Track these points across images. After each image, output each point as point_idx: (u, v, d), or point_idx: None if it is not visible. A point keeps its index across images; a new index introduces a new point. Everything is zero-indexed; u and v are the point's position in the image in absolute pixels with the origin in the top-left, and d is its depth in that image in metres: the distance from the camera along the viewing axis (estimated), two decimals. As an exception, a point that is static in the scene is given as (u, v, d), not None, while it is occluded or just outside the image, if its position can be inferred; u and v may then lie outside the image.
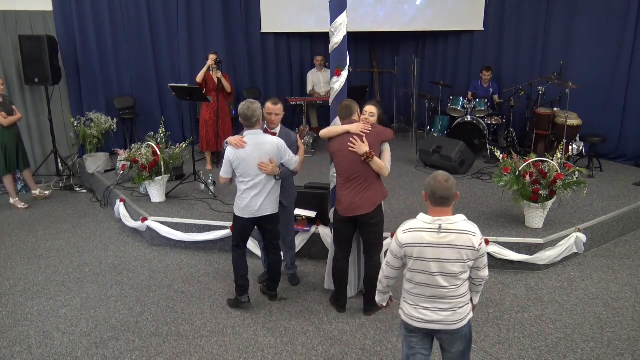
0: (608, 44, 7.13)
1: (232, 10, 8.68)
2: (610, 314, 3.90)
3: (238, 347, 3.54)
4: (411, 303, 2.54)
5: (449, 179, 2.42)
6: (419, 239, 2.42)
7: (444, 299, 2.46)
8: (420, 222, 2.45)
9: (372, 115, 3.84)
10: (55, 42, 7.07)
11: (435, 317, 2.48)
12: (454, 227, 2.40)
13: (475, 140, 7.25)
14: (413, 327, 2.55)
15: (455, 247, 2.40)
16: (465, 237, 2.40)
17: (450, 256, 2.41)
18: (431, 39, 9.48)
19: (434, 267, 2.43)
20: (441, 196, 2.40)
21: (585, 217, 5.09)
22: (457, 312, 2.49)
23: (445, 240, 2.40)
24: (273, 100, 4.01)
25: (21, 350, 3.52)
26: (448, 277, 2.43)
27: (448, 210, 2.44)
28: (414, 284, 2.50)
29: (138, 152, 5.58)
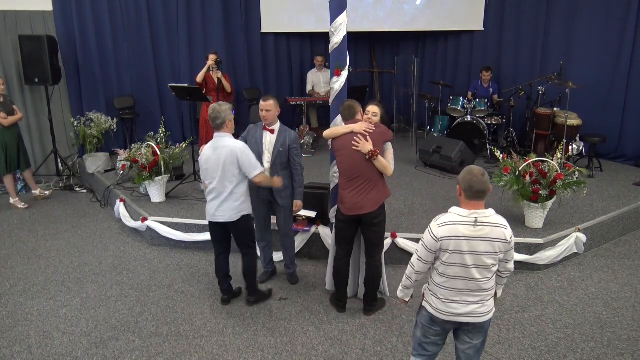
0: (608, 44, 7.13)
1: (232, 10, 8.68)
2: (610, 314, 3.90)
3: (238, 347, 3.54)
4: (440, 297, 2.56)
5: (484, 173, 2.49)
6: (455, 232, 2.45)
7: (475, 291, 2.51)
8: (456, 216, 2.49)
9: (375, 115, 3.84)
10: (55, 42, 7.07)
11: (463, 309, 2.52)
12: (488, 220, 2.46)
13: (475, 140, 7.25)
14: (440, 320, 2.58)
15: (490, 239, 2.45)
16: (499, 230, 2.46)
17: (484, 249, 2.45)
18: (431, 39, 9.48)
19: (469, 259, 2.46)
20: (478, 190, 2.45)
21: (585, 217, 5.09)
22: (485, 305, 2.54)
23: (480, 233, 2.44)
24: (263, 97, 4.07)
25: (21, 350, 3.52)
26: (482, 269, 2.48)
27: (482, 204, 2.49)
28: (447, 277, 2.53)
29: (138, 152, 5.59)
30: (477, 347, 2.62)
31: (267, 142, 4.06)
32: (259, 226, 4.34)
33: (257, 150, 4.02)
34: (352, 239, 3.88)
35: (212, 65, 6.68)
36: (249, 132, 4.17)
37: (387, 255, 4.54)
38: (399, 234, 4.64)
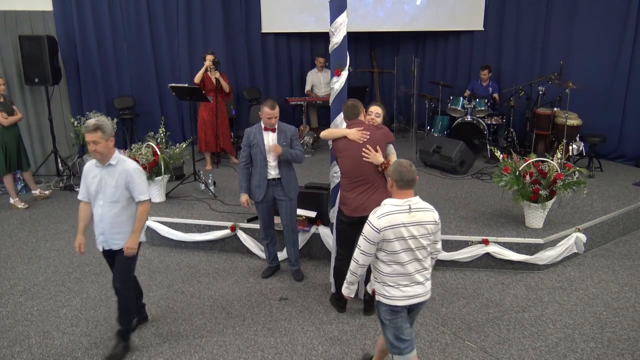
0: (608, 44, 7.13)
1: (232, 10, 8.68)
2: (610, 314, 3.90)
3: (238, 347, 3.54)
4: (393, 285, 2.73)
5: (412, 164, 2.71)
6: (394, 220, 2.65)
7: (421, 271, 2.75)
8: (392, 206, 2.68)
9: (378, 115, 3.85)
10: (55, 42, 7.07)
11: (414, 292, 2.74)
12: (419, 206, 2.72)
13: (475, 140, 7.25)
14: (399, 307, 2.75)
15: (423, 223, 2.70)
16: (429, 214, 2.73)
17: (420, 232, 2.70)
18: (431, 39, 9.48)
19: (411, 243, 2.69)
20: (409, 179, 2.68)
21: (585, 217, 5.09)
22: (428, 283, 2.81)
23: (415, 218, 2.68)
24: (270, 104, 4.04)
25: (21, 350, 3.52)
26: (422, 250, 2.73)
27: (412, 192, 2.73)
28: (396, 264, 2.71)
29: (138, 152, 5.58)
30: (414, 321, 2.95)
31: (269, 140, 4.12)
32: (264, 224, 4.39)
33: (260, 151, 4.10)
34: (354, 239, 3.87)
35: (210, 66, 6.69)
36: (249, 136, 4.20)
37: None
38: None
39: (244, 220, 5.04)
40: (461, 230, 4.81)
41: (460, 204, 5.58)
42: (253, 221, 5.00)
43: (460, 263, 4.62)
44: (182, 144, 5.97)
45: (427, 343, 3.57)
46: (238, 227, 4.94)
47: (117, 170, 3.28)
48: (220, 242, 5.04)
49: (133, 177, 3.29)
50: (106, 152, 3.25)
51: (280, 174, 4.16)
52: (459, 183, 6.37)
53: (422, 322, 3.82)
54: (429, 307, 4.01)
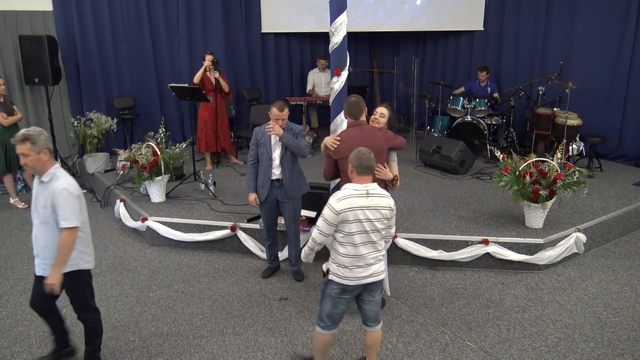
0: (608, 44, 7.13)
1: (232, 10, 8.68)
2: (610, 314, 3.90)
3: (238, 347, 3.54)
4: (348, 265, 2.91)
5: (370, 152, 2.90)
6: (352, 203, 2.82)
7: (374, 253, 2.93)
8: (351, 190, 2.87)
9: (383, 116, 3.82)
10: (55, 42, 7.06)
11: (368, 272, 2.92)
12: (376, 192, 2.89)
13: (475, 140, 7.24)
14: (351, 286, 2.94)
15: (379, 207, 2.87)
16: (385, 200, 2.91)
17: (376, 216, 2.87)
18: (431, 39, 9.48)
19: (367, 226, 2.86)
20: (366, 166, 2.86)
21: (585, 217, 5.09)
22: (381, 264, 2.99)
23: (372, 202, 2.85)
24: (279, 106, 4.05)
25: (21, 350, 3.52)
26: (376, 233, 2.91)
27: (370, 179, 2.91)
28: (352, 245, 2.88)
29: (138, 152, 5.58)
30: (377, 301, 3.08)
31: (276, 140, 4.16)
32: (267, 225, 4.41)
33: (267, 150, 4.16)
34: None
35: (209, 66, 6.68)
36: (257, 135, 4.24)
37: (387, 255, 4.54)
38: (399, 234, 4.65)
39: (244, 220, 5.04)
40: (461, 230, 4.81)
41: (460, 204, 5.58)
42: (253, 221, 5.00)
43: (460, 263, 4.62)
44: (182, 144, 5.97)
45: (427, 343, 3.57)
46: (238, 227, 4.94)
47: (48, 189, 2.91)
48: (220, 242, 5.04)
49: (58, 198, 2.87)
50: (38, 166, 2.91)
51: (282, 173, 4.17)
52: (459, 183, 6.37)
53: (422, 322, 3.82)
54: (429, 307, 4.01)
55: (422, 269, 4.64)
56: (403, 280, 4.44)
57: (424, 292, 4.25)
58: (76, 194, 2.95)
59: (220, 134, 6.92)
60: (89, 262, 3.13)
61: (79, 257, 3.03)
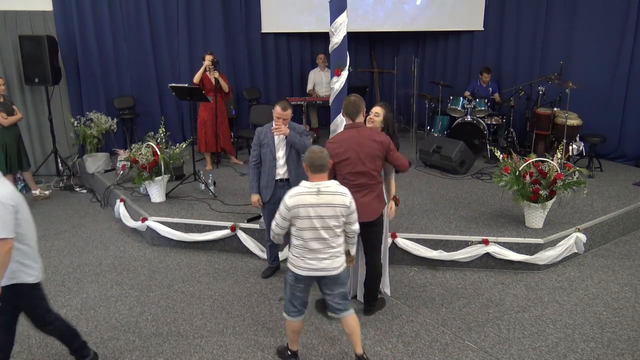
0: (608, 44, 7.13)
1: (232, 10, 8.68)
2: (610, 314, 3.90)
3: (238, 347, 3.54)
4: (297, 256, 3.06)
5: (323, 151, 2.99)
6: (302, 200, 2.94)
7: (326, 249, 3.01)
8: (303, 188, 2.98)
9: (377, 115, 3.81)
10: (55, 42, 7.07)
11: (319, 265, 3.02)
12: (329, 190, 2.97)
13: (475, 140, 7.24)
14: (301, 276, 3.08)
15: (332, 205, 2.95)
16: (339, 198, 2.97)
17: (328, 213, 2.95)
18: (431, 39, 9.48)
19: (317, 223, 2.96)
20: (318, 164, 2.95)
21: (585, 217, 5.09)
22: (335, 261, 3.05)
23: (323, 200, 2.94)
24: (282, 105, 4.03)
25: (21, 350, 3.52)
26: (328, 230, 2.98)
27: (324, 176, 3.00)
28: (303, 240, 3.00)
29: (138, 152, 5.58)
30: (339, 295, 3.16)
31: (279, 139, 4.15)
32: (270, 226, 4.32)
33: (271, 150, 4.15)
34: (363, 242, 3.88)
35: (209, 66, 6.68)
36: (259, 135, 4.22)
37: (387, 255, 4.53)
38: (399, 234, 4.65)
39: (244, 220, 5.04)
40: (461, 230, 4.81)
41: (460, 204, 5.58)
42: (253, 221, 5.00)
43: (460, 263, 4.62)
44: (182, 144, 5.97)
45: (427, 343, 3.57)
46: (238, 227, 4.94)
47: None
48: (220, 242, 5.04)
49: None
50: None
51: (288, 172, 4.17)
52: (459, 183, 6.37)
53: (422, 322, 3.82)
54: (429, 307, 4.01)
55: (422, 269, 4.64)
56: (403, 280, 4.44)
57: (424, 292, 4.25)
58: (10, 203, 2.69)
59: (220, 134, 6.92)
60: (33, 276, 2.94)
61: (21, 269, 2.85)
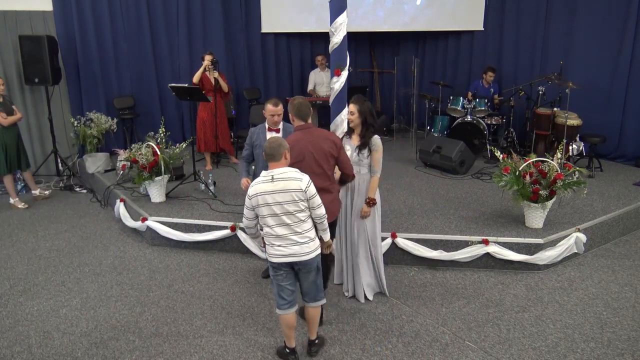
0: (608, 44, 7.13)
1: (232, 10, 8.68)
2: (610, 314, 3.90)
3: (238, 347, 3.54)
4: (268, 244, 3.16)
5: (277, 140, 3.10)
6: (259, 189, 3.06)
7: (292, 235, 3.09)
8: (260, 177, 3.10)
9: (352, 114, 3.76)
10: (55, 42, 7.07)
11: (288, 251, 3.10)
12: (284, 176, 3.05)
13: (475, 140, 7.24)
14: (276, 263, 3.16)
15: (287, 191, 3.03)
16: (294, 183, 3.04)
17: (285, 199, 3.04)
18: (431, 39, 9.48)
19: (276, 209, 3.05)
20: (269, 153, 3.07)
21: (585, 217, 5.09)
22: (306, 246, 3.11)
23: (278, 187, 3.03)
24: (273, 102, 4.02)
25: (21, 350, 3.52)
26: (289, 215, 3.07)
27: (279, 165, 3.08)
28: (268, 227, 3.11)
29: (138, 152, 5.58)
30: (312, 281, 3.25)
31: None
32: None
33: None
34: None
35: (209, 66, 6.68)
36: (252, 136, 4.21)
37: (387, 255, 4.54)
38: (399, 234, 4.64)
39: (244, 220, 5.04)
40: (461, 230, 4.81)
41: (460, 204, 5.58)
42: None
43: (460, 263, 4.62)
44: (182, 144, 5.97)
45: (427, 343, 3.57)
46: (238, 227, 4.94)
47: None
48: (220, 242, 5.04)
49: None
50: None
51: None
52: (459, 183, 6.37)
53: (422, 322, 3.82)
54: (429, 307, 4.01)
55: (422, 269, 4.64)
56: (403, 280, 4.44)
57: (424, 292, 4.25)
58: None
59: (220, 134, 6.92)
60: None
61: None
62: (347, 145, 3.87)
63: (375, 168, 3.81)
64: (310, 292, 3.30)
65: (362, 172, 3.85)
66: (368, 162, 3.81)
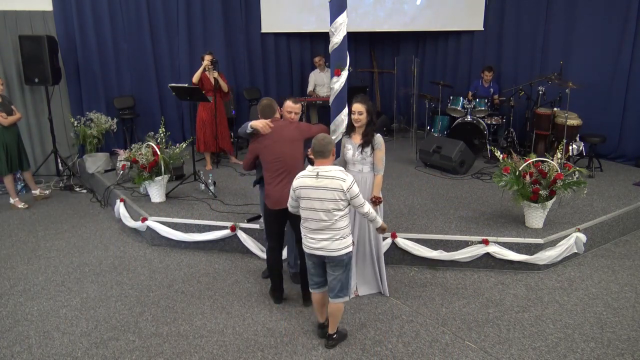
0: (608, 44, 7.13)
1: (232, 10, 8.68)
2: (610, 314, 3.90)
3: (238, 347, 3.54)
4: (303, 234, 3.35)
5: (325, 138, 3.22)
6: (303, 183, 3.22)
7: (325, 230, 3.22)
8: (306, 171, 3.25)
9: (361, 113, 3.76)
10: (55, 42, 7.07)
11: (317, 245, 3.26)
12: (328, 174, 3.17)
13: (475, 140, 7.25)
14: (307, 253, 3.36)
15: (330, 189, 3.15)
16: (337, 182, 3.15)
17: (326, 196, 3.16)
18: (431, 39, 9.49)
19: (316, 204, 3.20)
20: (317, 150, 3.19)
21: (585, 217, 5.09)
22: (335, 242, 3.24)
23: (322, 183, 3.16)
24: (293, 99, 4.07)
25: (21, 350, 3.52)
26: (327, 212, 3.19)
27: (326, 162, 3.21)
28: (304, 218, 3.29)
29: (138, 152, 5.58)
30: (338, 277, 3.33)
31: None
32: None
33: None
34: (281, 230, 4.01)
35: (208, 66, 6.68)
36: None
37: (387, 255, 4.54)
38: (399, 234, 4.64)
39: (244, 220, 5.04)
40: (461, 230, 4.81)
41: (460, 204, 5.58)
42: (253, 221, 5.00)
43: (460, 263, 4.62)
44: (182, 144, 5.97)
45: (427, 343, 3.57)
46: (238, 227, 4.94)
47: None
48: (220, 242, 5.04)
49: None
50: None
51: None
52: (459, 183, 6.37)
53: (422, 322, 3.82)
54: (429, 307, 4.01)
55: (422, 269, 4.64)
56: (403, 280, 4.44)
57: (424, 292, 4.25)
58: None
59: (219, 134, 6.92)
60: None
61: None
62: (348, 145, 3.88)
63: (379, 166, 3.84)
64: (334, 288, 3.36)
65: (365, 171, 3.86)
66: (371, 160, 3.83)
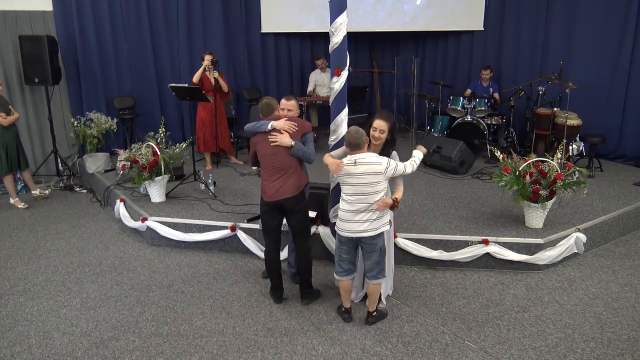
0: (608, 44, 7.13)
1: (232, 10, 8.69)
2: (610, 314, 3.90)
3: (238, 347, 3.54)
4: (342, 219, 3.54)
5: (358, 131, 3.46)
6: (345, 170, 3.49)
7: (363, 212, 3.46)
8: (346, 159, 3.52)
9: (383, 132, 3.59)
10: (55, 42, 7.07)
11: (355, 228, 3.49)
12: (365, 161, 3.46)
13: (475, 140, 7.25)
14: (344, 238, 3.56)
15: (368, 173, 3.44)
16: (374, 167, 3.45)
17: (364, 180, 3.44)
18: (431, 39, 9.49)
19: (354, 190, 3.45)
20: (353, 143, 3.47)
21: (585, 217, 5.09)
22: (373, 223, 3.49)
23: (360, 170, 3.45)
24: (286, 97, 4.08)
25: (21, 350, 3.52)
26: (366, 196, 3.44)
27: (362, 152, 3.49)
28: (347, 202, 3.51)
29: (138, 152, 5.59)
30: (375, 261, 3.59)
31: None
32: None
33: None
34: (278, 228, 3.99)
35: (208, 66, 6.68)
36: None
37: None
38: (399, 234, 4.64)
39: (244, 220, 5.04)
40: (461, 230, 4.81)
41: (460, 204, 5.58)
42: (253, 221, 5.00)
43: (460, 263, 4.62)
44: (182, 144, 5.97)
45: (427, 343, 3.57)
46: (238, 227, 4.94)
47: None
48: (220, 242, 5.04)
49: None
50: None
51: None
52: (459, 183, 6.37)
53: (422, 322, 3.82)
54: (429, 307, 4.01)
55: (422, 269, 4.64)
56: (403, 280, 4.44)
57: (424, 292, 4.25)
58: None
59: (219, 134, 6.92)
60: None
61: None
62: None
63: (399, 180, 3.69)
64: (372, 270, 3.62)
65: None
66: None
